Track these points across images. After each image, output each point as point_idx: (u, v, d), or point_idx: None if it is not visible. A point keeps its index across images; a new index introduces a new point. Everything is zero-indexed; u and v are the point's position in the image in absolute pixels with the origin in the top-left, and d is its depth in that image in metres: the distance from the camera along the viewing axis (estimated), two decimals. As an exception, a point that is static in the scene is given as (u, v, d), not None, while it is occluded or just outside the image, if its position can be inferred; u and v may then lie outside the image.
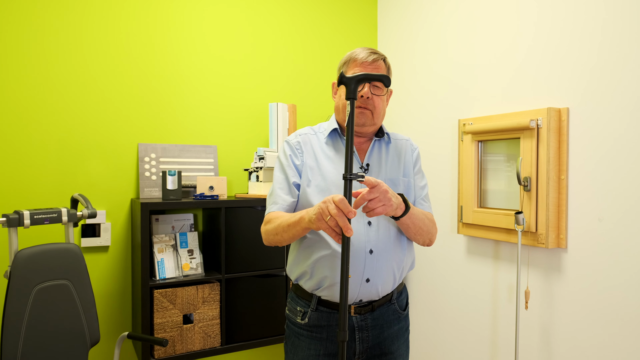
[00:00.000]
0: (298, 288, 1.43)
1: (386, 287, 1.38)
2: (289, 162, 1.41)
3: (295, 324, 1.42)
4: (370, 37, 2.80)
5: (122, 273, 2.20)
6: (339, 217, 1.06)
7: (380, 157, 1.45)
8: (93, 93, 2.14)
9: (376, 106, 1.38)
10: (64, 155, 2.09)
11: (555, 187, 1.76)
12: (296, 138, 1.45)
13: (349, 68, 1.39)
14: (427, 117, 2.43)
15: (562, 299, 1.76)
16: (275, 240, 1.33)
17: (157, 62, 2.26)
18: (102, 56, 2.15)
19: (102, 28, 2.15)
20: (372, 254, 1.33)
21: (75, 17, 2.10)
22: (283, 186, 1.39)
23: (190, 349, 2.02)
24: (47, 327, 1.65)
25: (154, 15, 2.26)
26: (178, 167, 2.28)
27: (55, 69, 2.07)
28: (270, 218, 1.35)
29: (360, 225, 1.34)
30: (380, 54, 1.40)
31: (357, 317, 1.37)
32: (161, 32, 2.27)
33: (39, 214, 1.70)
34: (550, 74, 1.80)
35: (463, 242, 2.22)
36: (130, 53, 2.21)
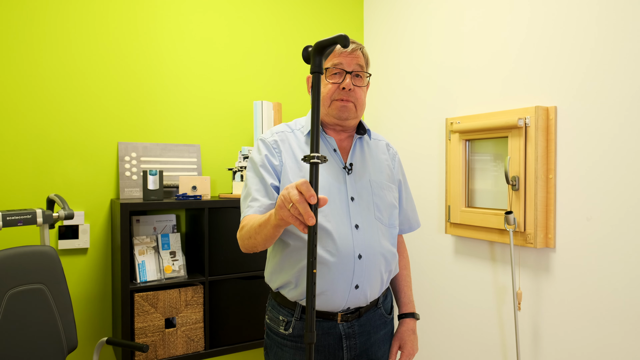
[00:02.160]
0: (279, 296, 1.33)
1: (374, 293, 1.33)
2: (265, 162, 1.30)
3: (277, 334, 1.33)
4: (357, 34, 2.76)
5: (102, 276, 2.13)
6: (300, 204, 0.92)
7: (364, 156, 1.39)
8: (71, 90, 2.07)
9: (358, 97, 1.32)
10: (40, 154, 2.01)
11: (544, 186, 1.75)
12: (272, 136, 1.35)
13: (328, 60, 1.32)
14: (414, 115, 2.41)
15: (550, 299, 1.75)
16: (250, 245, 1.22)
17: (139, 59, 2.20)
18: (81, 52, 2.08)
19: (80, 23, 2.08)
20: (361, 259, 1.26)
21: (55, 12, 2.03)
22: (259, 188, 1.28)
23: (172, 353, 1.96)
24: (21, 333, 1.58)
25: (135, 12, 2.19)
26: (160, 167, 2.22)
27: (32, 65, 1.99)
28: (245, 223, 1.24)
29: (347, 229, 1.26)
30: (358, 43, 1.34)
31: (344, 325, 1.30)
32: (142, 28, 2.21)
33: (12, 215, 1.62)
34: (539, 72, 1.79)
35: (451, 242, 2.20)
36: (111, 49, 2.14)
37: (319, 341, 1.29)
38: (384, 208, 1.35)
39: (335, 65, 1.30)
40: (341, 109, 1.31)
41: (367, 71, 1.36)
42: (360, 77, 1.33)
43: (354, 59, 1.31)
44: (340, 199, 1.28)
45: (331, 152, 1.34)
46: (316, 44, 0.95)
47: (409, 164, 2.44)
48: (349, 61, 1.30)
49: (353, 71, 1.31)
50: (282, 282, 1.30)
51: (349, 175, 1.33)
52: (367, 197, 1.32)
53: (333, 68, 1.31)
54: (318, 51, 0.95)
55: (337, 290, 1.25)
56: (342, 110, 1.31)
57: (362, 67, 1.33)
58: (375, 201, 1.33)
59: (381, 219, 1.34)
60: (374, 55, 2.70)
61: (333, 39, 0.92)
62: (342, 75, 1.30)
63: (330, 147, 1.35)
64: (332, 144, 1.34)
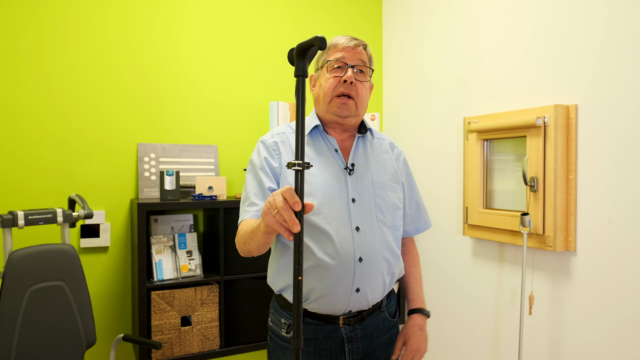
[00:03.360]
0: (282, 299, 1.32)
1: (376, 296, 1.30)
2: (264, 165, 1.28)
3: (279, 337, 1.31)
4: (375, 33, 2.74)
5: (122, 274, 2.18)
6: (285, 210, 0.91)
7: (367, 156, 1.36)
8: (92, 92, 2.13)
9: (359, 93, 1.29)
10: (62, 155, 2.08)
11: (564, 187, 1.69)
12: (273, 138, 1.32)
13: (330, 54, 1.30)
14: (432, 115, 2.37)
15: (570, 304, 1.69)
16: (245, 250, 1.20)
17: (157, 62, 2.24)
18: (101, 56, 2.14)
19: (100, 27, 2.14)
20: (362, 261, 1.24)
21: (74, 17, 2.09)
22: (257, 191, 1.26)
23: (188, 351, 1.99)
24: (41, 328, 1.63)
25: (153, 15, 2.23)
26: (178, 167, 2.26)
27: (54, 69, 2.06)
28: (241, 227, 1.23)
29: (347, 231, 1.24)
30: (361, 41, 1.31)
31: (346, 329, 1.28)
32: (160, 31, 2.25)
33: (33, 215, 1.68)
34: (558, 69, 1.73)
35: (469, 244, 2.16)
36: (130, 52, 2.19)
37: (321, 344, 1.27)
38: (387, 209, 1.32)
39: (337, 59, 1.28)
40: (341, 106, 1.28)
41: (370, 66, 1.33)
42: (363, 73, 1.31)
43: (357, 54, 1.29)
44: (340, 201, 1.26)
45: (332, 153, 1.32)
46: (296, 47, 0.93)
47: (427, 164, 2.40)
48: (351, 55, 1.28)
49: (356, 65, 1.29)
50: (283, 285, 1.29)
51: (350, 175, 1.30)
52: (369, 198, 1.30)
53: (335, 62, 1.28)
54: (300, 54, 0.93)
55: (338, 293, 1.23)
56: (342, 108, 1.28)
57: (365, 62, 1.31)
58: (377, 202, 1.31)
59: (384, 221, 1.31)
60: (392, 55, 2.67)
61: (310, 41, 0.91)
62: (344, 69, 1.28)
63: (331, 147, 1.32)
64: (334, 144, 1.32)
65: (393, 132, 2.67)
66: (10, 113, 1.99)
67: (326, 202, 1.24)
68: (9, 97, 1.99)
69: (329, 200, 1.24)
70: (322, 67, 1.32)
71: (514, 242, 1.85)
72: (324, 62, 1.31)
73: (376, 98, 2.74)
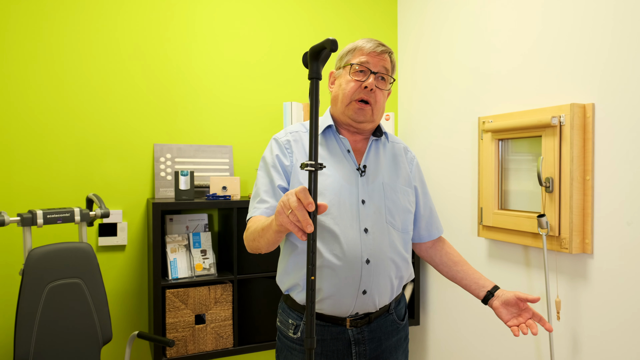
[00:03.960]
0: (289, 299, 1.32)
1: (384, 299, 1.29)
2: (275, 163, 1.28)
3: (287, 337, 1.31)
4: (390, 36, 2.73)
5: (139, 272, 2.22)
6: (299, 211, 0.91)
7: (378, 159, 1.35)
8: (109, 95, 2.17)
9: (377, 100, 1.28)
10: (81, 156, 2.13)
11: (580, 188, 1.65)
12: (286, 136, 1.32)
13: (354, 56, 1.29)
14: (447, 114, 2.35)
15: (588, 308, 1.65)
16: (254, 247, 1.20)
17: (172, 63, 2.28)
18: (119, 59, 2.18)
19: (116, 31, 2.18)
20: (369, 263, 1.23)
21: (90, 20, 2.14)
22: (267, 189, 1.27)
23: (202, 349, 2.02)
24: (59, 324, 1.68)
25: (168, 17, 2.27)
26: (193, 167, 2.29)
27: (73, 73, 2.11)
28: (250, 224, 1.23)
29: (355, 232, 1.23)
30: (388, 47, 1.30)
31: (353, 330, 1.27)
32: (175, 34, 2.28)
33: (52, 214, 1.73)
34: (574, 67, 1.69)
35: (484, 246, 2.13)
36: (146, 56, 2.23)
37: (328, 346, 1.27)
38: (397, 212, 1.31)
39: (361, 63, 1.27)
40: (358, 111, 1.27)
41: (392, 75, 1.33)
42: (384, 80, 1.30)
43: (381, 61, 1.28)
44: (350, 202, 1.25)
45: (344, 153, 1.31)
46: (309, 50, 0.94)
47: (442, 164, 2.38)
48: (376, 62, 1.28)
49: (378, 72, 1.28)
50: (291, 284, 1.29)
51: (361, 177, 1.29)
52: (379, 201, 1.29)
53: (359, 65, 1.28)
54: (313, 57, 0.93)
55: (344, 295, 1.23)
56: (359, 114, 1.28)
57: (388, 70, 1.31)
58: (387, 205, 1.29)
59: (393, 224, 1.30)
60: (407, 55, 2.65)
61: (322, 44, 0.91)
62: (366, 74, 1.27)
63: (343, 147, 1.32)
64: (346, 144, 1.32)
65: (408, 132, 2.65)
66: (30, 115, 2.05)
67: (335, 202, 1.24)
68: (29, 100, 2.05)
69: (338, 200, 1.24)
70: (345, 67, 1.31)
71: (530, 243, 1.82)
72: (347, 63, 1.30)
73: (391, 98, 2.73)
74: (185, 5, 2.30)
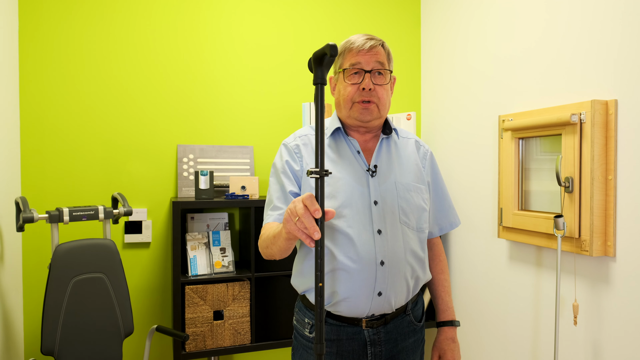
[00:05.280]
0: (305, 299, 1.33)
1: (400, 300, 1.27)
2: (285, 169, 1.29)
3: (303, 336, 1.32)
4: (414, 34, 2.70)
5: (162, 268, 2.30)
6: (305, 218, 0.91)
7: (390, 157, 1.32)
8: (135, 99, 2.26)
9: (380, 97, 1.26)
10: (109, 157, 2.23)
11: (601, 188, 1.58)
12: (295, 141, 1.33)
13: (346, 59, 1.28)
14: (469, 113, 2.30)
15: (610, 313, 1.58)
16: (268, 254, 1.21)
17: (195, 68, 2.34)
18: (144, 66, 2.27)
19: (142, 41, 2.27)
20: (384, 265, 1.22)
21: (118, 29, 2.24)
22: (279, 195, 1.27)
23: (220, 344, 2.07)
24: (83, 316, 1.77)
25: (189, 25, 2.34)
26: (215, 168, 2.35)
27: (100, 78, 2.21)
28: (264, 231, 1.24)
29: (368, 234, 1.22)
30: (378, 39, 1.27)
31: (369, 331, 1.27)
32: (197, 40, 2.35)
33: (77, 212, 1.82)
34: (596, 63, 1.62)
35: (505, 247, 2.07)
36: (170, 61, 2.31)
37: (343, 346, 1.27)
38: (411, 211, 1.29)
39: (353, 65, 1.26)
40: (362, 111, 1.26)
41: (389, 68, 1.31)
42: (382, 74, 1.28)
43: (373, 57, 1.26)
44: (362, 203, 1.24)
45: (355, 154, 1.30)
46: (312, 56, 0.95)
47: (464, 163, 2.34)
48: (367, 59, 1.25)
49: (372, 69, 1.26)
50: (306, 287, 1.30)
51: (372, 177, 1.28)
52: (392, 201, 1.27)
53: (352, 68, 1.26)
54: (316, 62, 0.93)
55: (360, 297, 1.22)
56: (364, 114, 1.27)
57: (383, 64, 1.28)
58: (400, 204, 1.28)
59: (407, 223, 1.28)
60: (430, 53, 2.62)
61: (322, 50, 0.91)
62: (361, 75, 1.26)
63: (353, 149, 1.31)
64: (356, 145, 1.31)
65: (431, 131, 2.62)
66: (63, 120, 2.16)
67: (347, 204, 1.23)
68: (61, 106, 2.16)
69: (350, 203, 1.24)
70: (339, 72, 1.30)
71: (550, 245, 1.76)
72: (340, 68, 1.29)
73: (414, 96, 2.70)
74: (206, 12, 2.36)
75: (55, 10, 2.15)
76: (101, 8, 2.21)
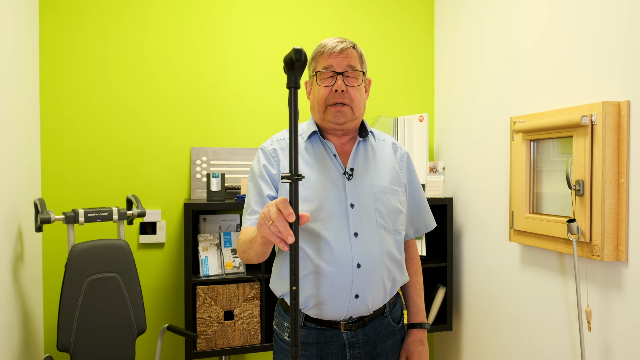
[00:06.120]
0: (284, 302, 1.34)
1: (377, 302, 1.28)
2: (263, 173, 1.29)
3: (283, 340, 1.33)
4: (427, 36, 2.68)
5: (175, 269, 2.35)
6: (279, 222, 0.92)
7: (367, 160, 1.33)
8: (150, 101, 2.32)
9: (354, 99, 1.26)
10: (124, 159, 2.29)
11: (613, 191, 1.54)
12: (272, 145, 1.33)
13: (318, 63, 1.28)
14: (480, 115, 2.27)
15: (623, 319, 1.54)
16: (246, 258, 1.22)
17: (208, 72, 2.39)
18: (159, 70, 2.32)
19: (155, 46, 2.32)
20: (360, 268, 1.23)
21: (131, 36, 2.29)
22: (257, 199, 1.27)
23: (230, 344, 2.10)
24: (97, 314, 1.82)
25: (201, 30, 2.38)
26: (227, 170, 2.38)
27: (115, 83, 2.28)
28: (241, 236, 1.24)
29: (345, 237, 1.23)
30: (349, 42, 1.28)
31: (348, 334, 1.28)
32: (210, 45, 2.39)
33: (92, 213, 1.88)
34: (608, 63, 1.58)
35: (516, 251, 2.04)
36: (183, 66, 2.35)
37: (323, 349, 1.28)
38: (388, 213, 1.30)
39: (325, 67, 1.27)
40: (336, 114, 1.27)
41: (362, 69, 1.31)
42: (355, 76, 1.28)
43: (345, 59, 1.26)
44: (339, 206, 1.25)
45: (331, 158, 1.31)
46: (283, 60, 0.95)
47: (476, 166, 2.31)
48: (339, 62, 1.26)
49: (345, 72, 1.26)
50: (284, 291, 1.31)
51: (349, 180, 1.28)
52: (368, 203, 1.28)
53: (324, 71, 1.27)
54: (287, 67, 0.94)
55: (336, 300, 1.23)
56: (338, 116, 1.27)
57: (355, 66, 1.28)
58: (377, 207, 1.29)
59: (384, 225, 1.29)
60: (444, 55, 2.60)
61: (289, 54, 0.92)
62: (334, 78, 1.27)
63: (330, 152, 1.32)
64: (332, 149, 1.32)
65: (444, 132, 2.60)
66: (80, 125, 2.23)
67: (324, 208, 1.24)
68: (79, 111, 2.23)
69: (326, 206, 1.25)
70: (313, 76, 1.32)
71: (562, 249, 1.73)
72: (314, 71, 1.31)
73: (427, 98, 2.68)
74: (217, 18, 2.40)
75: (74, 22, 2.21)
76: (116, 19, 2.27)
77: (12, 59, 1.85)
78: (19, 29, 1.94)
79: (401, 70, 2.64)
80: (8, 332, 1.77)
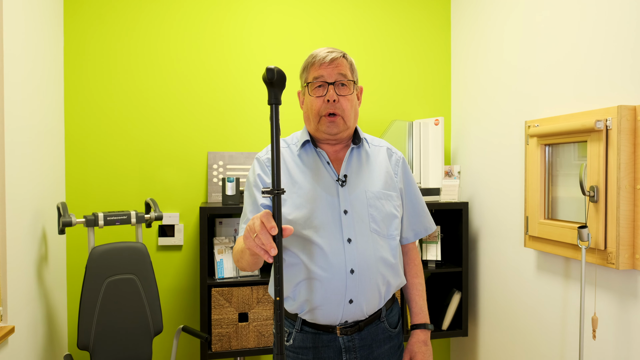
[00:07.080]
0: None
1: (372, 307, 1.29)
2: (258, 182, 1.31)
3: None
4: (443, 41, 2.66)
5: (192, 271, 2.40)
6: (262, 234, 0.94)
7: (360, 166, 1.34)
8: (168, 106, 2.38)
9: (345, 109, 1.28)
10: (143, 164, 2.36)
11: (629, 197, 1.51)
12: (267, 154, 1.36)
13: (310, 73, 1.30)
14: (496, 119, 2.24)
15: (639, 328, 1.50)
16: (240, 267, 1.25)
17: (225, 79, 2.44)
18: (176, 78, 2.39)
19: (173, 54, 2.38)
20: (354, 273, 1.24)
21: (151, 46, 2.36)
22: (252, 208, 1.30)
23: (245, 345, 2.14)
24: (115, 315, 1.89)
25: (215, 37, 2.43)
26: (243, 174, 2.42)
27: (138, 90, 2.35)
28: (236, 245, 1.27)
29: (338, 243, 1.25)
30: (339, 51, 1.29)
31: (344, 338, 1.29)
32: (224, 52, 2.44)
33: (111, 216, 1.95)
34: (623, 67, 1.54)
35: (532, 257, 2.01)
36: (200, 74, 2.41)
37: (320, 354, 1.30)
38: (381, 219, 1.31)
39: (316, 78, 1.29)
40: (330, 125, 1.29)
41: (353, 78, 1.32)
42: (346, 85, 1.30)
43: (335, 69, 1.28)
44: (332, 213, 1.27)
45: (324, 165, 1.33)
46: (262, 79, 0.98)
47: (492, 170, 2.28)
48: (329, 72, 1.28)
49: (336, 81, 1.28)
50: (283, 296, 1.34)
51: (342, 187, 1.30)
52: (362, 209, 1.29)
53: (315, 81, 1.29)
54: (267, 84, 0.96)
55: (331, 305, 1.25)
56: (330, 127, 1.29)
57: (345, 75, 1.29)
58: (370, 212, 1.30)
59: (378, 231, 1.30)
60: (460, 59, 2.57)
61: (264, 73, 0.95)
62: (325, 88, 1.28)
63: (323, 160, 1.34)
64: (325, 157, 1.34)
65: (461, 136, 2.57)
66: (100, 132, 2.32)
67: (317, 215, 1.26)
68: (100, 118, 2.32)
69: (320, 213, 1.26)
70: (305, 87, 1.34)
71: (576, 257, 1.69)
72: (305, 82, 1.33)
73: (443, 101, 2.67)
74: (233, 25, 2.44)
75: (96, 34, 2.30)
76: (136, 31, 2.34)
77: (41, 72, 1.94)
78: (46, 43, 2.03)
79: (416, 74, 2.63)
80: (32, 330, 1.86)
